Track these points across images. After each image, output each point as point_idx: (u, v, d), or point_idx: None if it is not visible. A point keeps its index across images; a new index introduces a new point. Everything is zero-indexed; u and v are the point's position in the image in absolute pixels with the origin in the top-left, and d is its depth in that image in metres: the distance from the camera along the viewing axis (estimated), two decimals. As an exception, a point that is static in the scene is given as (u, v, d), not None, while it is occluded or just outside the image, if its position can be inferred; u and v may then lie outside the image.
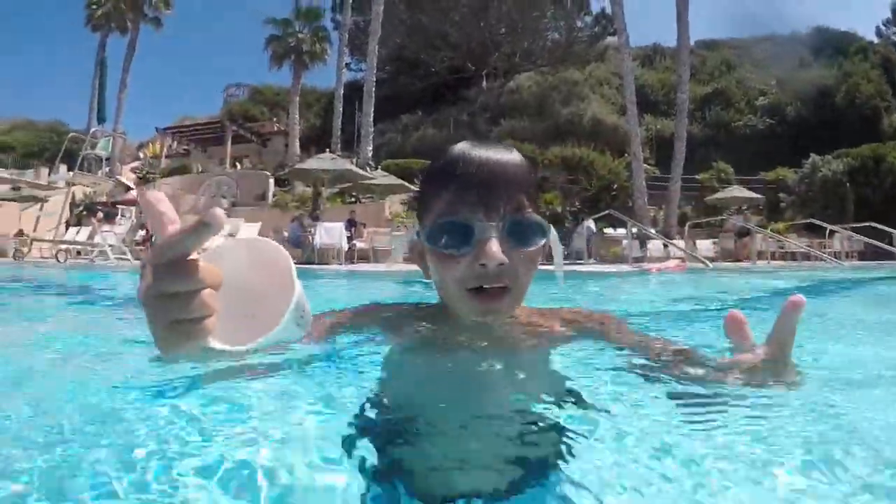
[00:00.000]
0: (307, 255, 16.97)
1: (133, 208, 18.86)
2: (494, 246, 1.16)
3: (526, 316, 1.44)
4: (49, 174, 32.39)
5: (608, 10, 35.72)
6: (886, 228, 16.93)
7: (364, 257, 18.33)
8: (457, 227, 1.19)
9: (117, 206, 19.15)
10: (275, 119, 46.36)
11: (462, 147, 1.27)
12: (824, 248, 19.74)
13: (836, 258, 17.04)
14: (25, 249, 18.91)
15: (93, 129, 26.23)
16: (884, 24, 46.64)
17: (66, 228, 20.99)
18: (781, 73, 40.41)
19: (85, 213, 23.00)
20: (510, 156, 1.26)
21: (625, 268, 13.69)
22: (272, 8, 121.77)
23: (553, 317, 1.51)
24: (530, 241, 1.22)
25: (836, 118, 33.62)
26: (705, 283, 9.25)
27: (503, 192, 1.20)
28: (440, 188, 1.24)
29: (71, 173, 23.78)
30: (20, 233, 21.82)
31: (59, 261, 16.58)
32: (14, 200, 24.96)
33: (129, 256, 16.91)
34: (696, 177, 30.64)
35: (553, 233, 1.30)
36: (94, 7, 41.17)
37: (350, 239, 18.03)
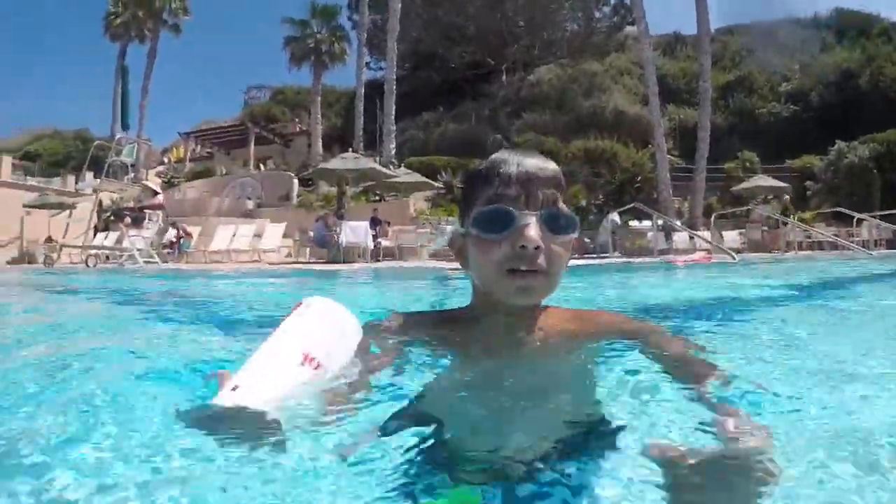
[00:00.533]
0: (333, 254, 17.06)
1: (160, 212, 19.10)
2: (533, 230, 1.30)
3: (559, 321, 1.52)
4: (76, 182, 32.81)
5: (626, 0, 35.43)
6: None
7: (390, 255, 18.39)
8: (500, 214, 1.32)
9: (144, 210, 19.40)
10: (297, 119, 46.64)
11: (503, 153, 1.43)
12: (852, 236, 19.48)
13: (864, 247, 16.82)
14: (55, 256, 19.21)
15: (118, 137, 26.52)
16: (907, 4, 45.92)
17: (94, 234, 21.28)
18: (804, 57, 39.85)
19: (112, 218, 23.31)
20: (545, 161, 1.42)
21: (650, 260, 13.63)
22: (289, 8, 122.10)
23: (589, 322, 1.58)
24: (564, 230, 1.35)
25: (861, 102, 33.03)
26: (732, 275, 9.17)
27: (540, 188, 1.35)
28: (484, 185, 1.39)
29: (98, 180, 24.10)
30: (49, 239, 22.17)
31: (88, 266, 16.82)
32: (42, 207, 25.34)
33: (156, 259, 17.16)
34: (722, 166, 30.35)
35: None
36: (113, 17, 41.57)
37: (375, 237, 18.09)
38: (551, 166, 1.41)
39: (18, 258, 22.94)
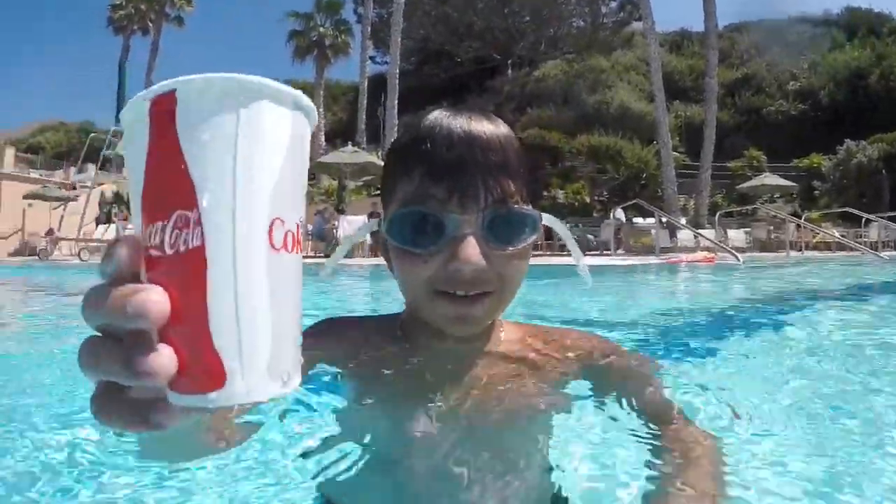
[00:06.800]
0: (330, 248, 16.86)
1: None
2: (470, 247, 0.91)
3: (516, 342, 1.15)
4: (78, 174, 32.88)
5: (634, -4, 35.16)
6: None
7: (389, 250, 18.14)
8: (424, 220, 0.94)
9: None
10: (301, 114, 46.70)
11: (435, 117, 1.00)
12: (860, 237, 19.25)
13: (872, 248, 16.52)
14: (49, 248, 19.09)
15: (111, 129, 26.53)
16: (919, 3, 45.61)
17: (97, 226, 21.23)
18: (813, 55, 39.50)
19: (115, 211, 23.38)
20: (494, 129, 0.98)
21: (652, 259, 13.39)
22: (294, 2, 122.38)
23: (554, 344, 1.18)
24: (516, 237, 0.96)
25: (871, 102, 32.70)
26: (735, 278, 8.92)
27: (484, 177, 0.94)
28: (406, 170, 0.98)
29: (94, 173, 24.08)
30: (50, 231, 22.18)
31: (81, 259, 16.63)
32: (43, 199, 25.39)
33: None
34: (728, 164, 30.07)
35: (552, 220, 1.04)
36: (115, 9, 41.46)
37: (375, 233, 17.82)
38: (501, 136, 0.98)
39: (20, 249, 23.09)
